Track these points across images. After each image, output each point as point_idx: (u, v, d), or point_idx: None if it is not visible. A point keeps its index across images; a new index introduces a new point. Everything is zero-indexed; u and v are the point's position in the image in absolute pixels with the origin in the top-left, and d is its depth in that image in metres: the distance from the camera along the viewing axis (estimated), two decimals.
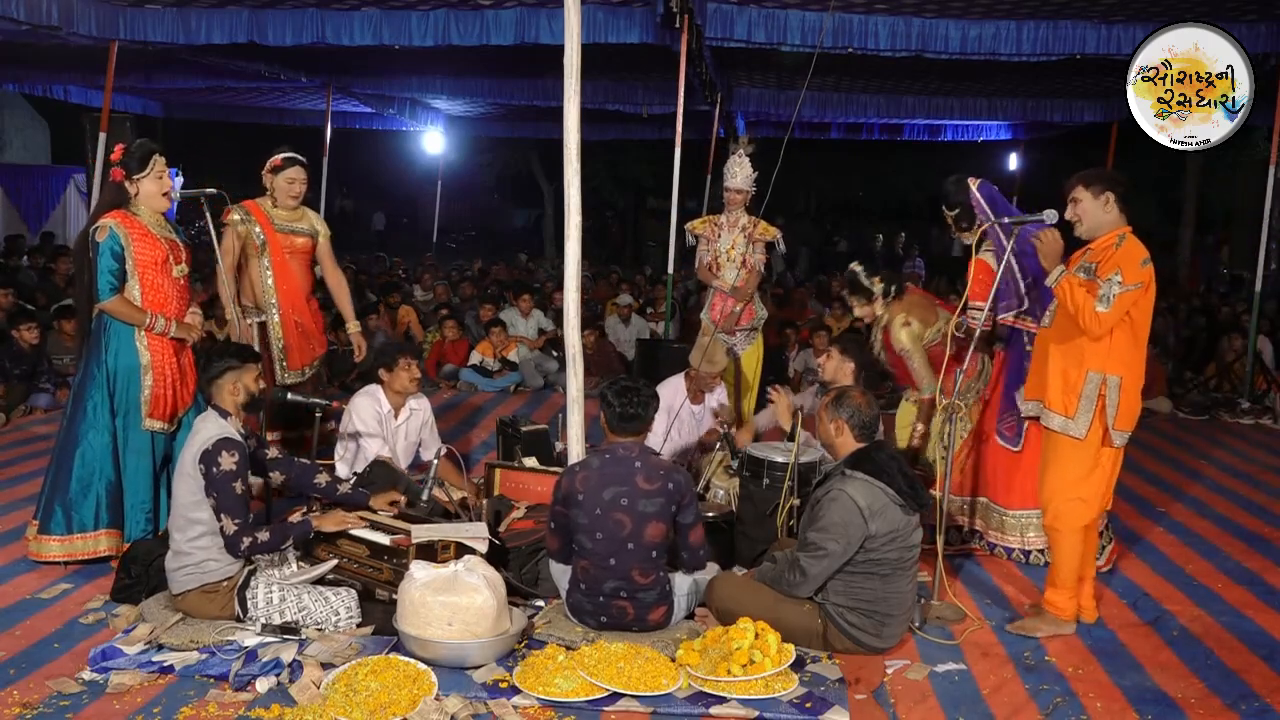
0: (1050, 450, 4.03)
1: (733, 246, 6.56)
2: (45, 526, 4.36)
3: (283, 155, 5.41)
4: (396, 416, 5.38)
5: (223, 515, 3.69)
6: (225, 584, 3.76)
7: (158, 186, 4.46)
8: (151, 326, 4.37)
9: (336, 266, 5.77)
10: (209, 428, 3.79)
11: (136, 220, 4.41)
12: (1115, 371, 3.87)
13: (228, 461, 3.68)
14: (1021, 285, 4.55)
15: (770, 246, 6.58)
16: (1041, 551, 4.71)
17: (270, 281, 5.37)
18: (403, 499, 4.40)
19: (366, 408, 5.27)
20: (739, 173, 6.52)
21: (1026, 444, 4.65)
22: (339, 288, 5.74)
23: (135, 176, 4.42)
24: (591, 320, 10.10)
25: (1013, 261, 4.38)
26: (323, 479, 4.29)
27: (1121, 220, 3.96)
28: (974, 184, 4.68)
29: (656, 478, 3.76)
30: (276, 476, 4.22)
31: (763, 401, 7.24)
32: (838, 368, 5.08)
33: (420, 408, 5.50)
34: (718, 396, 5.91)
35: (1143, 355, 3.96)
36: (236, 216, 5.33)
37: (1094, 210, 3.94)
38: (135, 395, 4.39)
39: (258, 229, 5.34)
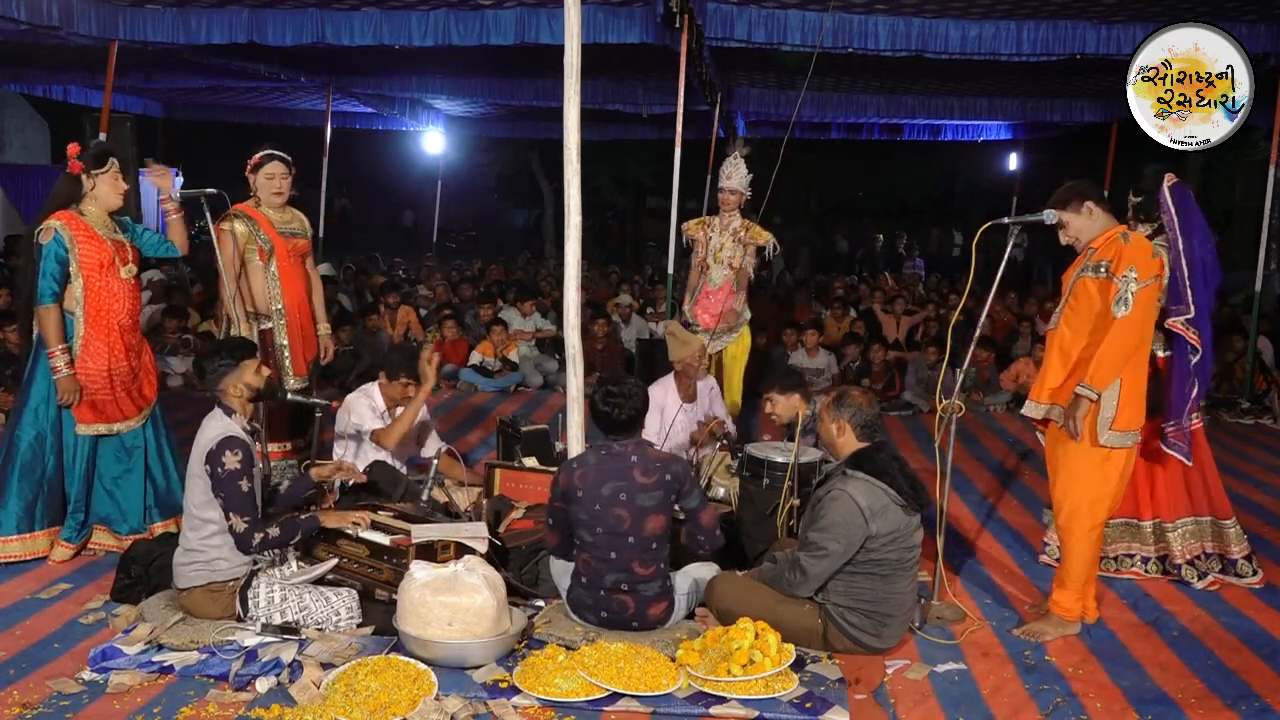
0: (1060, 449, 4.03)
1: (721, 248, 6.56)
2: None
3: (262, 153, 5.24)
4: (392, 415, 5.38)
5: (231, 514, 3.69)
6: (230, 584, 3.76)
7: (114, 187, 4.46)
8: (51, 354, 4.34)
9: (314, 266, 5.69)
10: (213, 427, 3.79)
11: (82, 221, 4.40)
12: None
13: (232, 460, 3.67)
14: (1188, 290, 4.27)
15: (761, 251, 6.58)
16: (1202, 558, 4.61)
17: (277, 286, 5.25)
18: (364, 517, 4.16)
19: (363, 407, 5.28)
20: (734, 174, 6.53)
21: (1195, 450, 4.45)
22: (315, 288, 5.59)
23: (94, 172, 4.42)
24: (600, 312, 10.09)
25: (1183, 266, 4.24)
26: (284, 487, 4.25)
27: (1112, 219, 3.98)
28: (1169, 181, 4.40)
29: (653, 470, 3.76)
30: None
31: (749, 400, 7.27)
32: (786, 407, 5.07)
33: None
34: (709, 391, 5.89)
35: (1145, 356, 3.95)
36: (238, 222, 5.15)
37: (1082, 223, 3.98)
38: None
39: (262, 233, 5.20)
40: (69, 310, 4.39)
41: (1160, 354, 4.42)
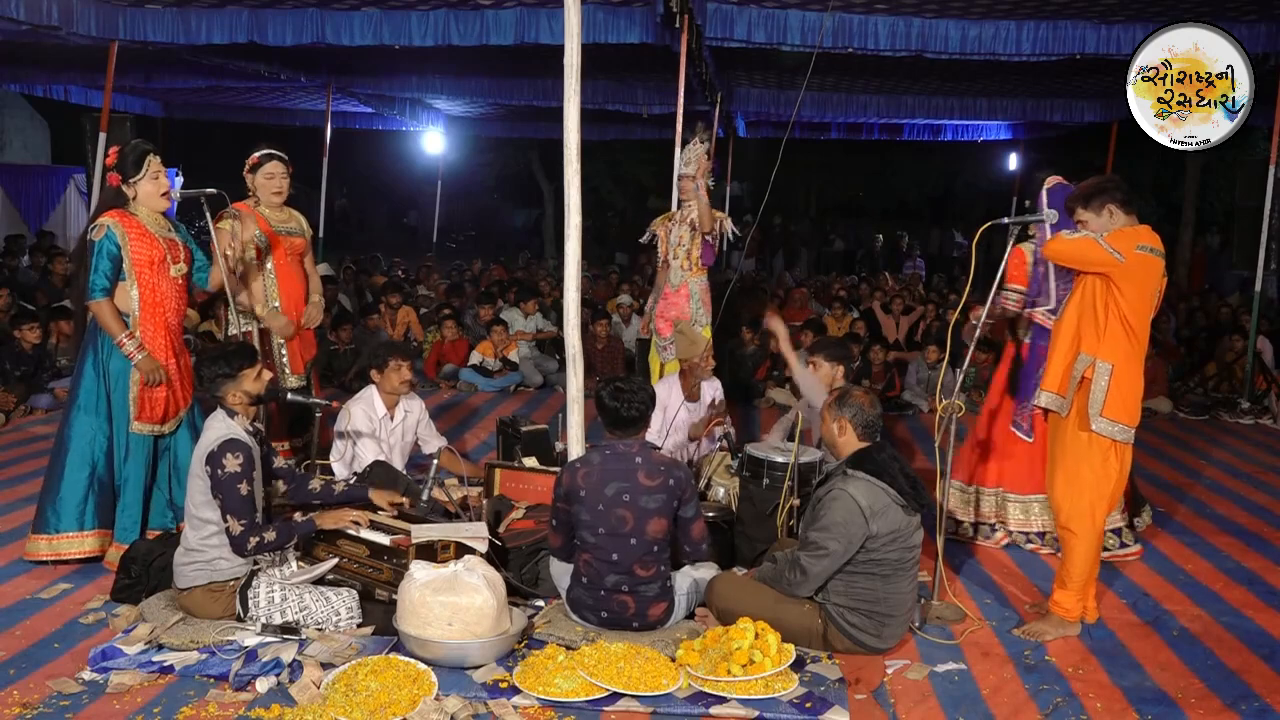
0: (1058, 446, 4.03)
1: (679, 242, 6.19)
2: (36, 526, 4.41)
3: (260, 153, 5.25)
4: (392, 418, 5.39)
5: (229, 516, 3.69)
6: (231, 584, 3.76)
7: (155, 187, 4.46)
8: (122, 343, 4.34)
9: (314, 265, 5.69)
10: (216, 428, 3.79)
11: (134, 219, 4.41)
12: (1106, 358, 3.88)
13: (232, 463, 3.68)
14: (1053, 284, 4.74)
15: (723, 234, 6.17)
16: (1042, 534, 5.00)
17: (274, 286, 5.27)
18: (405, 500, 4.40)
19: (361, 414, 5.29)
20: (692, 158, 6.13)
21: (1037, 435, 4.84)
22: (314, 286, 5.55)
23: (131, 180, 4.42)
24: (600, 313, 10.09)
25: (1047, 261, 4.59)
26: (316, 484, 4.28)
27: (1132, 221, 3.99)
28: (1050, 183, 4.77)
29: (658, 473, 3.76)
30: (280, 485, 4.21)
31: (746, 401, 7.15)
32: (829, 375, 5.06)
33: (413, 408, 5.52)
34: (713, 392, 5.89)
35: (1140, 352, 3.95)
36: (235, 221, 5.15)
37: (1100, 225, 3.98)
38: (125, 396, 4.40)
39: (259, 232, 5.20)
40: (125, 311, 4.38)
41: (1025, 341, 4.92)
